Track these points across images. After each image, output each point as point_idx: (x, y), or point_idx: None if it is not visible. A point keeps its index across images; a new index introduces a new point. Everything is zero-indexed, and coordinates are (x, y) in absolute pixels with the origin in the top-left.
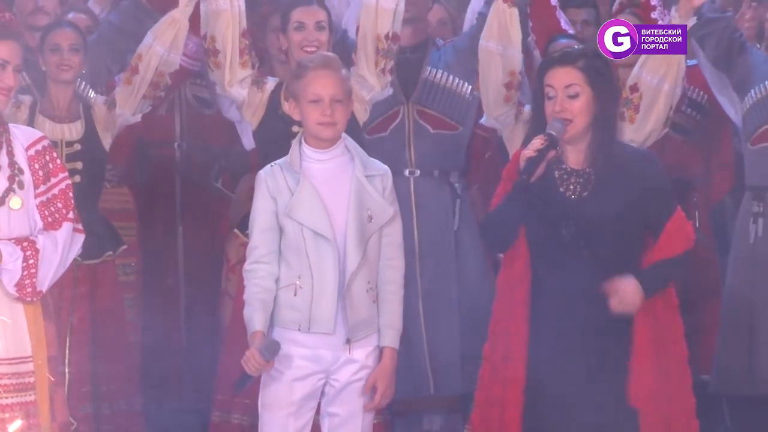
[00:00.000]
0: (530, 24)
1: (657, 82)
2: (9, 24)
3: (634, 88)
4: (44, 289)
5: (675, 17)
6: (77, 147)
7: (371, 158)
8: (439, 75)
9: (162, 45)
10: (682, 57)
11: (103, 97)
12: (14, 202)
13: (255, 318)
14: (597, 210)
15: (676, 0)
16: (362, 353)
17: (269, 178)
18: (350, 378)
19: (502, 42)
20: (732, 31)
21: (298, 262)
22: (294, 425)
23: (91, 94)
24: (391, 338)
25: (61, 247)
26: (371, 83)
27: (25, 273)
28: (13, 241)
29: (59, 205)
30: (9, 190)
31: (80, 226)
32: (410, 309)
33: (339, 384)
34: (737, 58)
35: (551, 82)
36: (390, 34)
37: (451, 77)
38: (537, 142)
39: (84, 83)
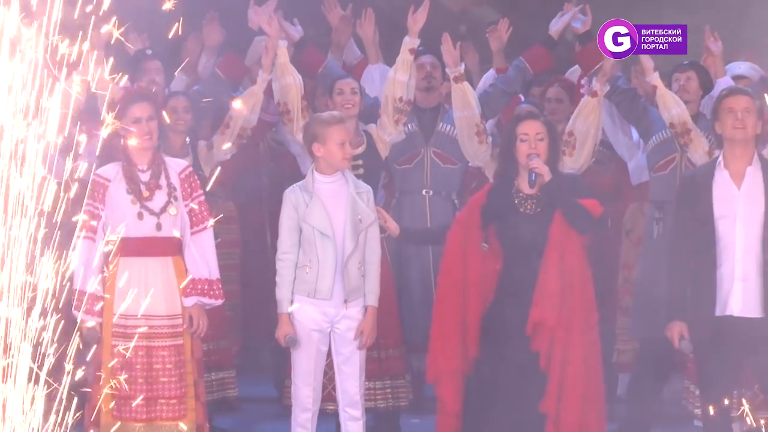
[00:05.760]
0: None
1: (586, 129)
2: (145, 90)
3: (571, 134)
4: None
5: (596, 85)
6: None
7: (358, 180)
8: (448, 128)
9: (245, 110)
10: (600, 111)
11: (205, 142)
12: (172, 209)
13: (284, 302)
14: (547, 219)
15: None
16: (354, 310)
17: (292, 195)
18: (347, 327)
19: (466, 109)
20: (638, 96)
21: (309, 251)
22: (314, 360)
23: (187, 139)
24: (372, 300)
25: (211, 249)
26: (390, 130)
27: (218, 298)
28: (202, 294)
29: (200, 211)
30: (168, 203)
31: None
32: (425, 281)
33: (340, 331)
34: (642, 115)
35: (526, 131)
36: (403, 98)
37: (455, 130)
38: (541, 163)
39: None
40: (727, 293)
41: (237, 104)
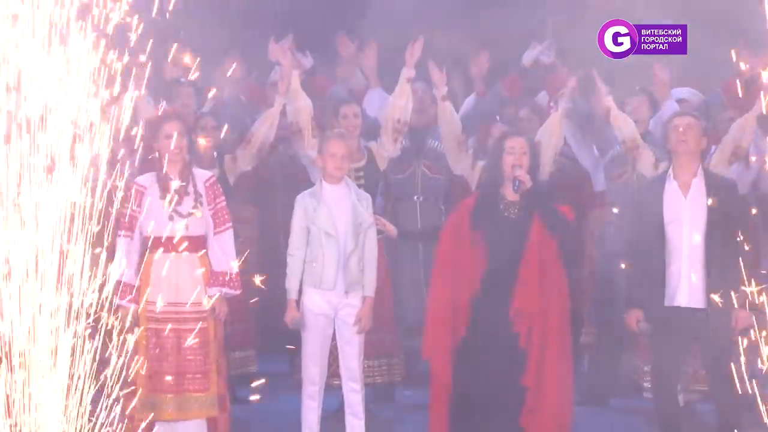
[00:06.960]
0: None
1: (548, 138)
2: (177, 111)
3: (539, 143)
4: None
5: (558, 102)
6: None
7: (359, 189)
8: (435, 144)
9: (264, 128)
10: (562, 124)
11: (229, 155)
12: (198, 213)
13: (292, 291)
14: (528, 222)
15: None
16: (354, 299)
17: (302, 200)
18: (348, 314)
19: (450, 123)
20: (596, 118)
21: (317, 248)
22: (321, 341)
23: (214, 153)
24: (369, 291)
25: (231, 247)
26: (389, 147)
27: (236, 288)
28: (219, 286)
29: (222, 214)
30: (195, 207)
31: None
32: (416, 273)
33: (342, 317)
34: (599, 134)
35: (513, 145)
36: (401, 120)
37: (441, 146)
38: (524, 173)
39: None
40: (675, 287)
41: (258, 123)
